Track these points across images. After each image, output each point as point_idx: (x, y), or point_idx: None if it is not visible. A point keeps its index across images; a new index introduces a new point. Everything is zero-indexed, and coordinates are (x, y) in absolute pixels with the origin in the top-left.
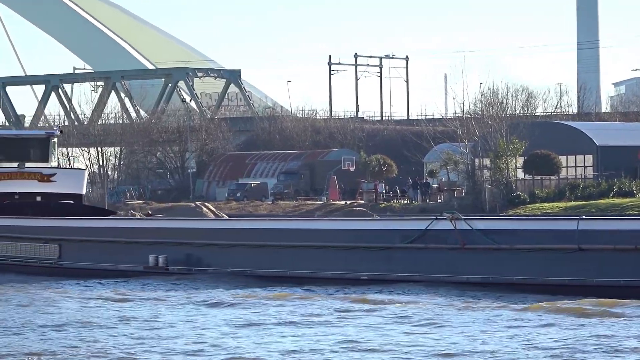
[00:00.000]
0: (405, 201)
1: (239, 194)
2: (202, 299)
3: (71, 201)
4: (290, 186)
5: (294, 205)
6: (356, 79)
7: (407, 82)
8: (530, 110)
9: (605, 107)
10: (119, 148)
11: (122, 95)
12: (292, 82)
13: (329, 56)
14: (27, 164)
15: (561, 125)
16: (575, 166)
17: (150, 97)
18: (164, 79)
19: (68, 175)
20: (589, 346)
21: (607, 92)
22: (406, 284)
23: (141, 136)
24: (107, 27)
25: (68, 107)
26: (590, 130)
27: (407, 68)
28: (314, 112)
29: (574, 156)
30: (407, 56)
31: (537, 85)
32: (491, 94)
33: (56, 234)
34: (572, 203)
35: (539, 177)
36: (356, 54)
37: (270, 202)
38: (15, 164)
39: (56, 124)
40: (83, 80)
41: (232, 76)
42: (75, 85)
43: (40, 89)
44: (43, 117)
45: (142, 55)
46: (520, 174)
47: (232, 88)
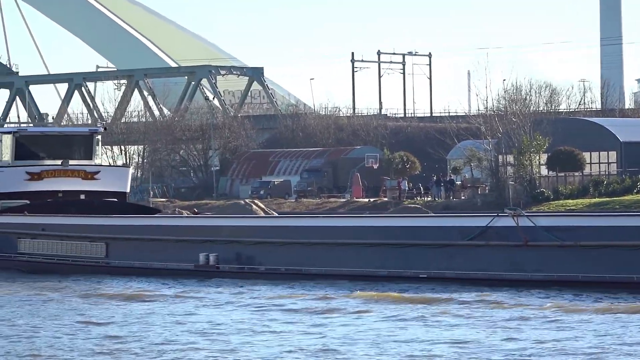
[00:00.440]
0: (429, 198)
1: (262, 192)
2: (274, 300)
3: (115, 199)
4: (314, 184)
5: (317, 203)
6: (379, 76)
7: (430, 79)
8: (553, 106)
9: (628, 103)
10: (142, 146)
11: (145, 93)
12: (315, 80)
13: (352, 53)
14: (71, 162)
15: (585, 122)
16: (599, 162)
17: (173, 95)
18: (187, 77)
19: (112, 173)
20: None
21: (630, 88)
22: (466, 282)
23: (164, 134)
24: (130, 26)
25: (91, 105)
26: (614, 126)
27: (430, 65)
28: (337, 109)
29: (597, 152)
30: (430, 53)
31: (561, 82)
32: (514, 91)
33: (103, 233)
34: (596, 199)
35: (562, 174)
36: (379, 51)
37: (293, 200)
38: (59, 162)
39: (100, 121)
40: (106, 78)
41: (255, 74)
42: (99, 84)
43: (63, 87)
44: (66, 115)
45: (165, 53)
46: (544, 170)
47: (255, 86)
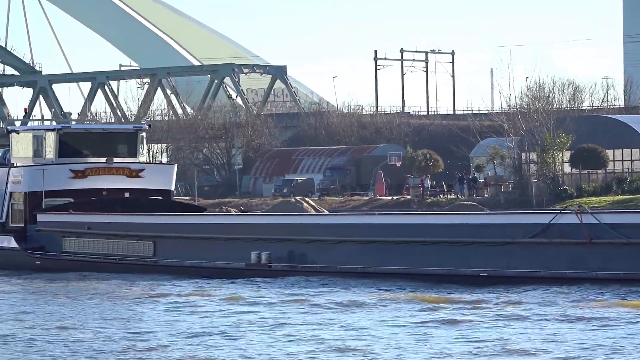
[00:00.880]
0: (452, 196)
1: (285, 190)
2: (338, 299)
3: (160, 197)
4: (337, 182)
5: (341, 201)
6: (402, 74)
7: (453, 76)
8: (576, 104)
9: None
10: (165, 145)
11: (168, 92)
12: (338, 78)
13: (375, 51)
14: (115, 159)
15: (608, 119)
16: (622, 160)
17: (196, 94)
18: (210, 76)
19: (157, 171)
20: None
21: None
22: (528, 280)
23: (187, 133)
24: (153, 24)
25: (114, 104)
26: (637, 123)
27: (453, 63)
28: (360, 107)
29: (620, 150)
30: (453, 51)
31: (584, 79)
32: (537, 88)
33: (151, 231)
34: (620, 197)
35: (585, 171)
36: (402, 49)
37: (316, 198)
38: (103, 160)
39: (145, 118)
40: (129, 77)
41: (278, 72)
42: (122, 82)
43: (86, 86)
44: (89, 114)
45: (188, 51)
46: (567, 168)
47: (278, 84)
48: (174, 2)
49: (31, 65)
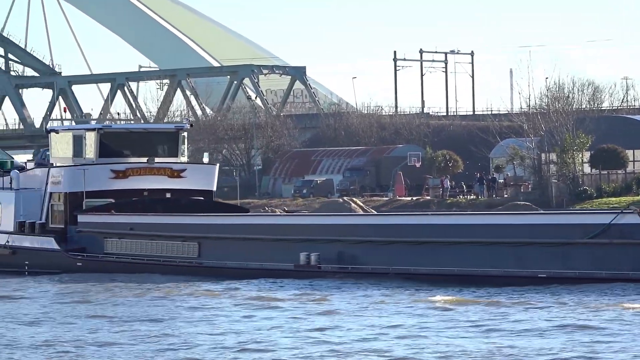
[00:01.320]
0: (472, 197)
1: (305, 191)
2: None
3: (201, 198)
4: (356, 182)
5: (361, 202)
6: (421, 75)
7: (472, 77)
8: (596, 104)
9: None
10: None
11: (188, 93)
12: (358, 79)
13: (394, 52)
14: (156, 160)
15: (627, 120)
16: None
17: (215, 95)
18: (229, 77)
19: (199, 171)
20: None
21: None
22: (588, 281)
23: (207, 133)
24: (172, 25)
25: (134, 105)
26: None
27: (472, 63)
28: (380, 108)
29: None
30: (472, 51)
31: (603, 80)
32: (557, 89)
33: (195, 232)
34: None
35: (605, 172)
36: (421, 49)
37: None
38: (144, 160)
39: (186, 117)
40: (149, 78)
41: (298, 73)
42: (141, 84)
43: (106, 87)
44: (109, 115)
45: (207, 52)
46: (587, 168)
47: (298, 85)
48: (193, 3)
49: (51, 66)
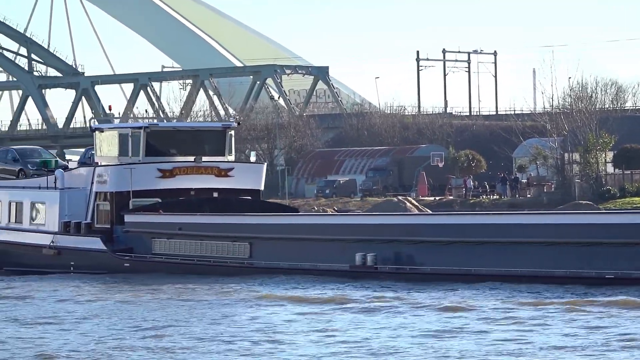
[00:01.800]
0: (495, 196)
1: (327, 191)
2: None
3: (249, 197)
4: (379, 182)
5: (383, 202)
6: (444, 75)
7: (495, 77)
8: (619, 104)
9: None
10: None
11: (211, 93)
12: (380, 79)
13: (417, 52)
14: (204, 158)
15: None
16: None
17: (238, 95)
18: (252, 77)
19: (247, 170)
20: None
21: None
22: None
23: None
24: (195, 25)
25: (157, 105)
26: None
27: (495, 63)
28: (402, 108)
29: None
30: (495, 51)
31: (627, 79)
32: (580, 89)
33: (246, 232)
34: None
35: (629, 171)
36: (444, 49)
37: (359, 199)
38: (191, 158)
39: (234, 115)
40: (172, 78)
41: (321, 73)
42: (164, 84)
43: (129, 87)
44: (132, 115)
45: (230, 52)
46: (610, 168)
47: (321, 85)
48: (216, 2)
49: (74, 66)
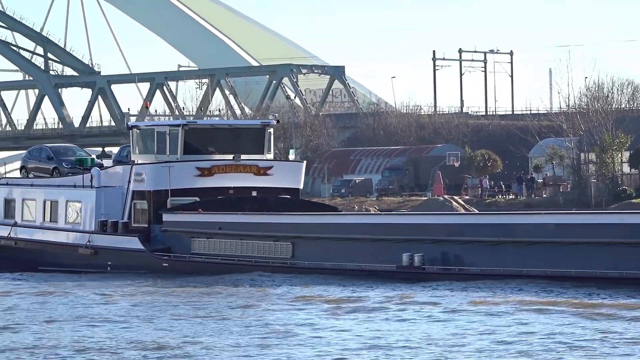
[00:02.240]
0: (511, 196)
1: (343, 190)
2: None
3: (288, 196)
4: (395, 182)
5: (399, 201)
6: (460, 74)
7: (511, 76)
8: (636, 104)
9: None
10: None
11: (227, 92)
12: (397, 78)
13: (433, 51)
14: (243, 157)
15: None
16: None
17: (254, 94)
18: (268, 76)
19: (286, 168)
20: None
21: None
22: None
23: None
24: (211, 25)
25: (173, 104)
26: None
27: (511, 63)
28: (419, 107)
29: None
30: (511, 51)
31: None
32: (596, 88)
33: (289, 231)
34: None
35: None
36: (460, 49)
37: (375, 198)
38: (229, 157)
39: (273, 113)
40: (188, 77)
41: (337, 72)
42: (180, 83)
43: (145, 86)
44: (148, 114)
45: (246, 52)
46: (627, 168)
47: (337, 84)
48: (232, 2)
49: (90, 65)
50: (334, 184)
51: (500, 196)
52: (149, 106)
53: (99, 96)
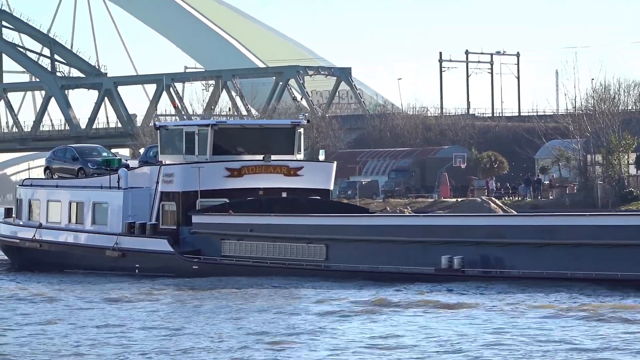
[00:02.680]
0: (517, 198)
1: (349, 192)
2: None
3: (318, 197)
4: (401, 184)
5: (405, 203)
6: (467, 76)
7: (518, 78)
8: None
9: None
10: None
11: (234, 94)
12: (403, 80)
13: (440, 53)
14: (273, 157)
15: None
16: None
17: (261, 96)
18: (274, 78)
19: (316, 169)
20: None
21: None
22: None
23: None
24: (218, 26)
25: (180, 106)
26: None
27: (518, 64)
28: (425, 109)
29: None
30: (518, 52)
31: None
32: (603, 90)
33: (322, 233)
34: None
35: None
36: (467, 50)
37: (381, 200)
38: (259, 157)
39: (303, 112)
40: (194, 79)
41: (343, 74)
42: (187, 84)
43: (151, 88)
44: (154, 116)
45: (253, 53)
46: (633, 170)
47: (343, 86)
48: (238, 3)
49: (97, 67)
50: (340, 186)
51: (506, 198)
52: (176, 106)
53: (106, 97)
